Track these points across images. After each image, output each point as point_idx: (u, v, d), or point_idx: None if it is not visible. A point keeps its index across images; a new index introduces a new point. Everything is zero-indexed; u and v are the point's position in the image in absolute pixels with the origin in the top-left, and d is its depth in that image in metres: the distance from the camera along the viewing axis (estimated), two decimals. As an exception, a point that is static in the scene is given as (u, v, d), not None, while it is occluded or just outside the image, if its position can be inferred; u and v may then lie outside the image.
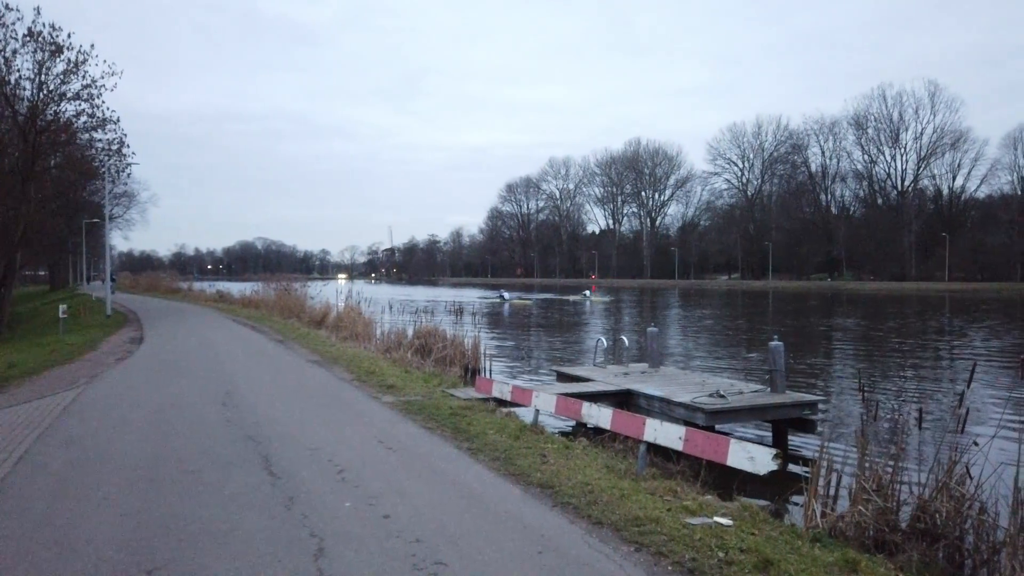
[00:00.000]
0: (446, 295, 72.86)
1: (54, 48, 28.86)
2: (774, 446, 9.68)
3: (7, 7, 27.14)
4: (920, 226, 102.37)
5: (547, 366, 20.76)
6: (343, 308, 27.15)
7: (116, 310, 35.68)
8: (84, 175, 36.93)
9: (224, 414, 10.19)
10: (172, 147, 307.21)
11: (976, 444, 6.77)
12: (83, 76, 29.87)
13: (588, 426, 10.01)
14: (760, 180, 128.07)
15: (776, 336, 12.54)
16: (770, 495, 8.16)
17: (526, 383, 14.69)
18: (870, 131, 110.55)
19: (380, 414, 10.31)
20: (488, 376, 16.62)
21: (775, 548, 5.14)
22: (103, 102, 31.44)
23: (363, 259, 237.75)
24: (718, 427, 11.16)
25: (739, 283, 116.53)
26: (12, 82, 29.00)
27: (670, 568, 4.82)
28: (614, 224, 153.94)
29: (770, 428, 12.14)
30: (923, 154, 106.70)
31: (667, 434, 7.39)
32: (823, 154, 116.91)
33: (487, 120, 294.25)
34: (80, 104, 30.69)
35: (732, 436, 7.00)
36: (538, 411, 10.07)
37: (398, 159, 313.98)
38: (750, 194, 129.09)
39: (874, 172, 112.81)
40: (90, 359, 17.63)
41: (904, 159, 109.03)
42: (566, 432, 11.13)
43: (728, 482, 7.69)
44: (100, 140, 33.60)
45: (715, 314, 48.47)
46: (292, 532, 5.41)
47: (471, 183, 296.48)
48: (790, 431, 11.86)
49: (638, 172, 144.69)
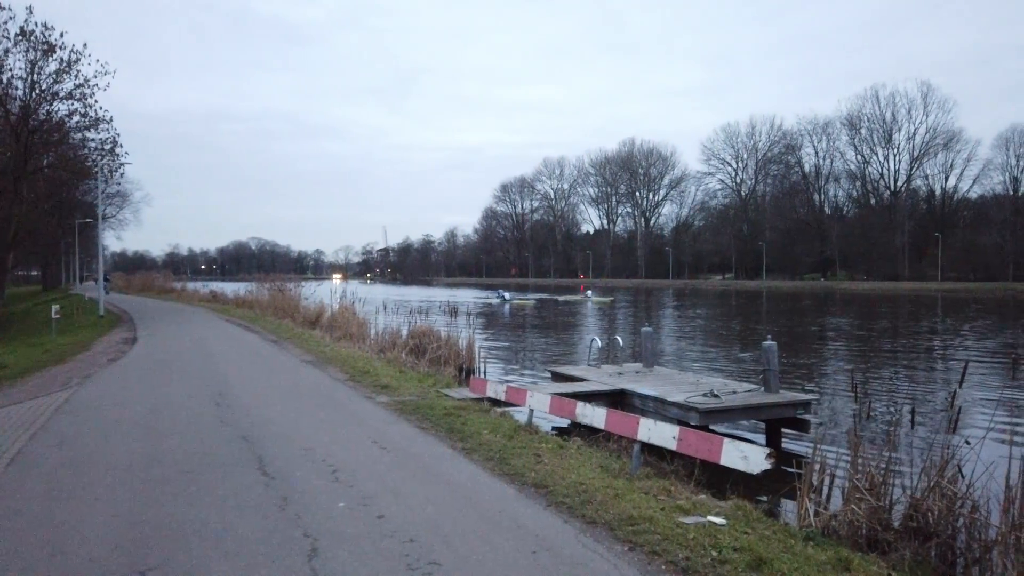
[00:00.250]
0: (441, 295, 72.78)
1: (46, 47, 28.81)
2: (768, 445, 9.72)
3: (-1, 6, 27.10)
4: (913, 226, 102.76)
5: (542, 366, 20.76)
6: (337, 308, 27.11)
7: (109, 310, 35.54)
8: (77, 175, 36.84)
9: (218, 414, 10.16)
10: (165, 147, 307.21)
11: (968, 443, 6.81)
12: (76, 75, 29.86)
13: (582, 426, 10.02)
14: (754, 180, 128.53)
15: (769, 336, 12.58)
16: (764, 494, 8.20)
17: (520, 383, 14.70)
18: (863, 131, 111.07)
19: (374, 414, 10.30)
20: (483, 376, 16.62)
21: (768, 547, 5.16)
22: (96, 101, 31.41)
23: (357, 259, 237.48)
24: (712, 426, 11.20)
25: (733, 283, 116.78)
26: (4, 81, 28.94)
27: (664, 567, 4.83)
28: (608, 224, 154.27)
29: (764, 427, 12.19)
30: (916, 154, 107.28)
31: (661, 434, 7.41)
32: (816, 154, 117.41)
33: (481, 120, 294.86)
34: (73, 103, 30.67)
35: (726, 435, 7.01)
36: (532, 411, 10.07)
37: (392, 159, 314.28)
38: (744, 194, 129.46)
39: (867, 172, 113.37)
40: (83, 359, 17.57)
41: (897, 159, 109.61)
42: (560, 432, 11.14)
43: (722, 481, 7.71)
44: (93, 140, 33.59)
45: (709, 314, 48.57)
46: (286, 532, 5.40)
47: (465, 183, 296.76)
48: (784, 430, 11.91)
49: (632, 172, 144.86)
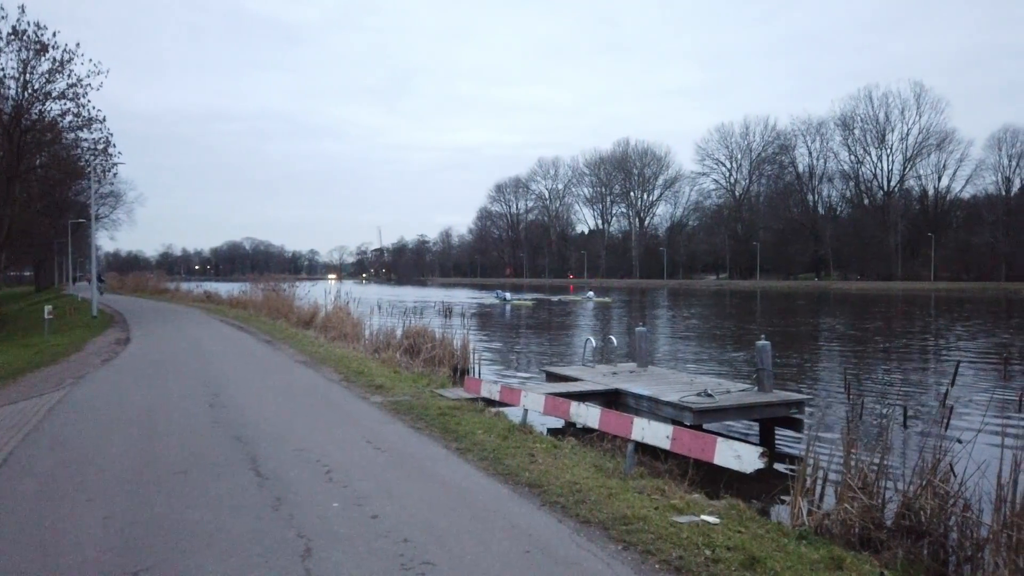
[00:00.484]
0: (435, 295, 72.75)
1: (39, 47, 28.68)
2: (761, 445, 9.75)
3: (-9, 5, 26.97)
4: (906, 226, 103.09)
5: (537, 366, 20.76)
6: (331, 308, 27.09)
7: (102, 311, 35.40)
8: (70, 175, 36.72)
9: (211, 415, 10.14)
10: (159, 147, 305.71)
11: (960, 442, 6.86)
12: (68, 75, 29.72)
13: (577, 425, 10.03)
14: (748, 180, 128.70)
15: (763, 336, 12.61)
16: (757, 493, 8.21)
17: (515, 383, 14.70)
18: (856, 132, 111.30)
19: (368, 414, 10.29)
20: (477, 376, 16.62)
21: (761, 546, 5.18)
22: (89, 101, 31.31)
23: (352, 259, 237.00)
24: (706, 426, 11.22)
25: (727, 283, 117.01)
26: (-4, 81, 28.78)
27: (657, 566, 4.84)
28: (603, 224, 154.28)
29: (757, 427, 12.22)
30: (909, 155, 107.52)
31: (655, 433, 7.42)
32: (810, 154, 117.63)
33: (476, 120, 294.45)
34: (65, 103, 30.54)
35: (720, 435, 7.03)
36: (527, 411, 10.08)
37: (387, 159, 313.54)
38: (738, 194, 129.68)
39: (860, 172, 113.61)
40: (76, 360, 17.50)
41: (890, 159, 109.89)
42: (555, 431, 11.14)
43: (715, 480, 7.73)
44: (86, 139, 33.44)
45: (703, 314, 48.65)
46: (279, 533, 5.39)
47: (460, 183, 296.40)
48: (777, 429, 11.94)
49: (627, 172, 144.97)
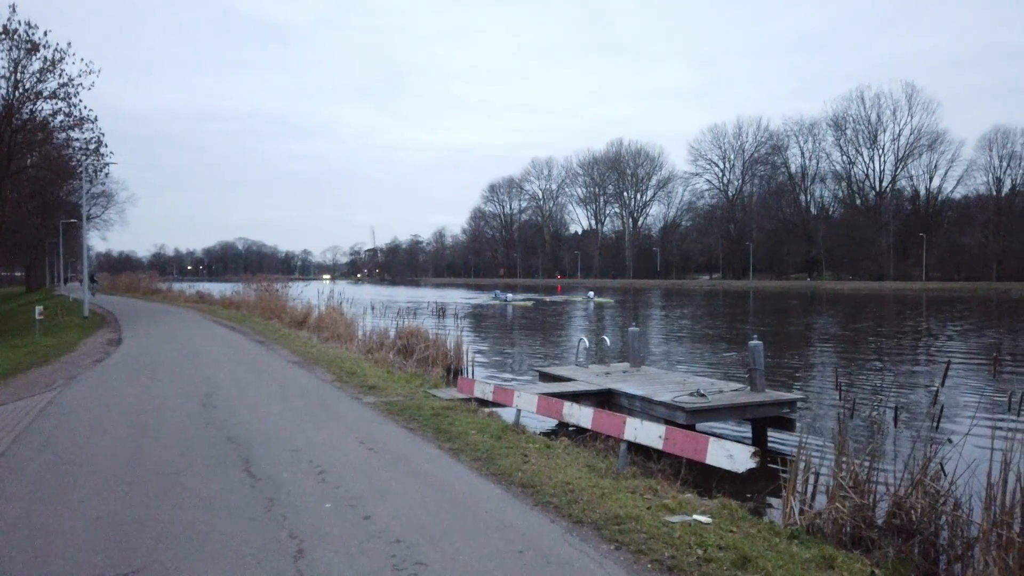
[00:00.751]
0: (429, 296, 72.67)
1: (30, 46, 28.52)
2: (753, 444, 9.79)
3: (-19, 5, 26.85)
4: (898, 226, 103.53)
5: (530, 366, 20.77)
6: (325, 309, 27.02)
7: (94, 311, 35.24)
8: (61, 175, 36.55)
9: (204, 416, 10.11)
10: (151, 147, 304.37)
11: (950, 442, 6.89)
12: (60, 74, 29.56)
13: (570, 426, 10.04)
14: (741, 181, 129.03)
15: (756, 335, 12.65)
16: (749, 493, 8.24)
17: (508, 383, 14.70)
18: (848, 132, 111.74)
19: (361, 415, 10.28)
20: (470, 376, 16.61)
21: (753, 545, 5.19)
22: (80, 101, 31.13)
23: (345, 259, 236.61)
24: (698, 426, 11.25)
25: (720, 283, 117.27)
26: (-13, 80, 28.62)
27: (649, 566, 4.85)
28: (596, 224, 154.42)
29: (750, 427, 12.26)
30: (900, 155, 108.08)
31: (647, 433, 7.44)
32: (803, 155, 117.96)
33: (469, 120, 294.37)
34: (57, 103, 30.37)
35: (712, 435, 7.05)
36: (520, 411, 10.08)
37: (380, 159, 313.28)
38: (731, 195, 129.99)
39: (852, 173, 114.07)
40: (67, 361, 17.41)
41: (882, 160, 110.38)
42: (548, 432, 11.15)
43: (708, 480, 7.76)
44: (77, 139, 33.29)
45: (696, 314, 48.76)
46: (272, 534, 5.38)
47: (454, 183, 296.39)
48: (769, 429, 11.98)
49: (620, 173, 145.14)
